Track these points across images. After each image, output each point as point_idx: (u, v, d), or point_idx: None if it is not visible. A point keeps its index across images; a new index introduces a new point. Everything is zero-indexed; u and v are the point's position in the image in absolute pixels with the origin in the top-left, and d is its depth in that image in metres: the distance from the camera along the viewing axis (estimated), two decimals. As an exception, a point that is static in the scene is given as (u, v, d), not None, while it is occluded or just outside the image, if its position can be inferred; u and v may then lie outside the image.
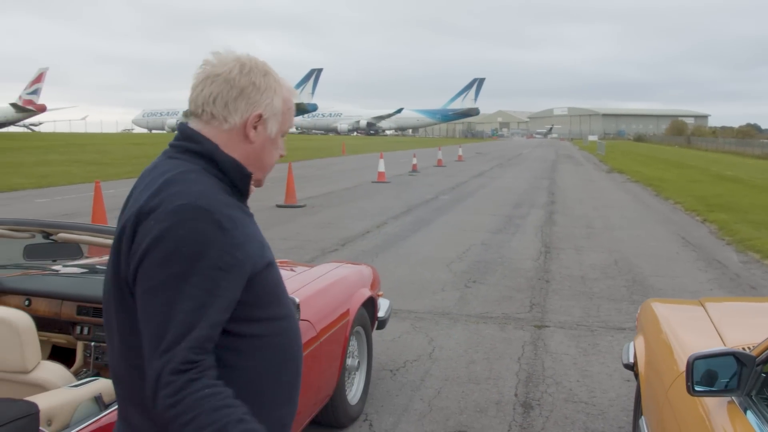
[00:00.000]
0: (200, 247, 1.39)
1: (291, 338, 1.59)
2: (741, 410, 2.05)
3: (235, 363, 1.48)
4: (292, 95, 1.64)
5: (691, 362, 2.09)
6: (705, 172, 30.33)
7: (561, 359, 5.29)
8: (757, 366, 2.09)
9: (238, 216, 1.50)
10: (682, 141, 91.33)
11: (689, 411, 2.29)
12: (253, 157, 1.59)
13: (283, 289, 1.60)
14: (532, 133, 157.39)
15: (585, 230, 12.17)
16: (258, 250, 1.51)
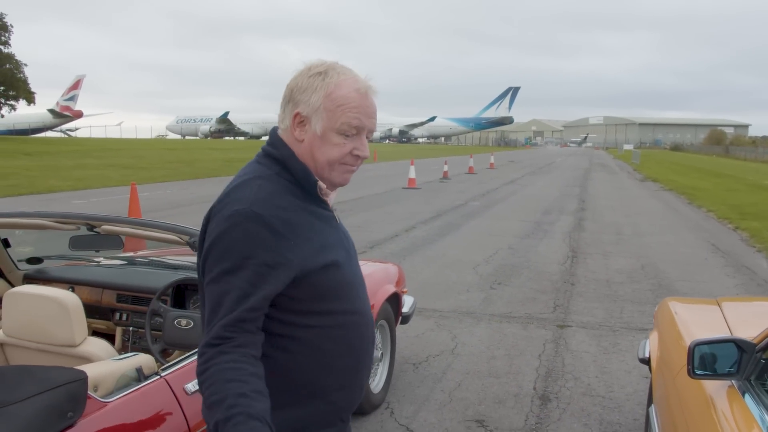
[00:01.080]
0: (250, 247, 1.53)
1: (350, 331, 1.69)
2: (740, 394, 2.17)
3: (295, 350, 1.63)
4: (341, 90, 1.62)
5: (692, 347, 2.22)
6: (742, 182, 29.92)
7: (581, 357, 5.39)
8: (757, 353, 2.21)
9: (299, 220, 1.61)
10: (720, 150, 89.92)
11: (693, 395, 2.42)
12: (307, 155, 1.65)
13: (348, 288, 1.69)
14: (566, 141, 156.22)
15: (614, 236, 12.18)
16: (314, 252, 1.61)
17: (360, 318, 1.72)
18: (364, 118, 1.63)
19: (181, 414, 2.25)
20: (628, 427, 4.11)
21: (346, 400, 1.72)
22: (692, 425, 2.28)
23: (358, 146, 1.65)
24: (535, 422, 4.16)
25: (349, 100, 1.61)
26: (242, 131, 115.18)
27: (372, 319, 1.79)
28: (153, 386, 2.25)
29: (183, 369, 2.40)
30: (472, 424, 4.11)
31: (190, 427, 2.24)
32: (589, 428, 4.09)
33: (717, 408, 2.17)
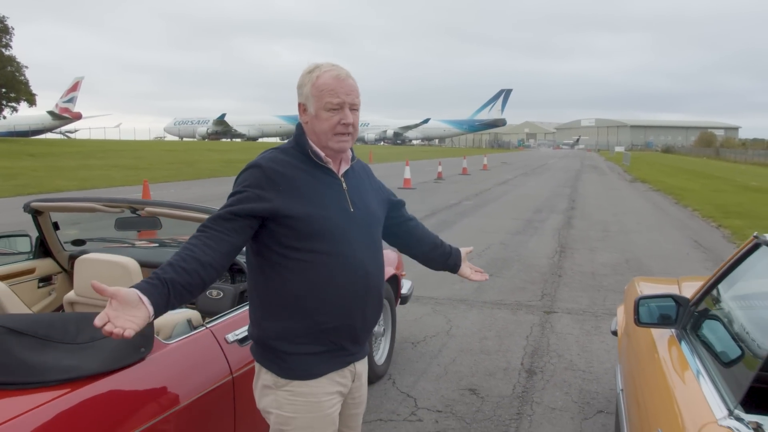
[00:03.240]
0: (249, 182, 2.13)
1: (333, 268, 2.16)
2: (677, 340, 2.66)
3: (287, 276, 2.14)
4: (321, 79, 2.14)
5: (636, 301, 2.73)
6: (729, 183, 30.53)
7: (565, 338, 5.89)
8: (691, 306, 2.72)
9: (293, 175, 2.15)
10: (711, 152, 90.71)
11: (642, 343, 2.92)
12: (311, 132, 2.21)
13: (332, 235, 2.15)
14: (558, 143, 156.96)
15: (601, 233, 12.70)
16: (297, 200, 2.13)
17: (344, 260, 2.17)
18: (342, 95, 2.15)
19: (224, 358, 2.75)
20: (605, 395, 4.60)
21: (332, 325, 2.18)
22: (641, 367, 2.78)
23: (342, 117, 2.17)
24: (521, 391, 4.66)
25: (328, 85, 2.15)
26: (239, 133, 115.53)
27: (365, 263, 2.22)
28: (201, 335, 2.75)
29: (224, 323, 2.90)
30: (465, 392, 4.60)
31: (232, 370, 2.73)
32: (569, 396, 4.58)
33: (659, 352, 2.66)
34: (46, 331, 2.18)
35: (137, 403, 2.29)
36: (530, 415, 4.25)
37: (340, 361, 2.24)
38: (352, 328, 2.23)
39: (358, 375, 2.34)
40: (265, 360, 2.20)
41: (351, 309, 2.21)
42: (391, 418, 4.11)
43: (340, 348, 2.23)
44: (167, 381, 2.45)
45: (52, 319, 2.33)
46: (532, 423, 4.14)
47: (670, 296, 2.75)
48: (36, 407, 1.98)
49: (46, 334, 2.17)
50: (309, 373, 2.16)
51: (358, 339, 2.28)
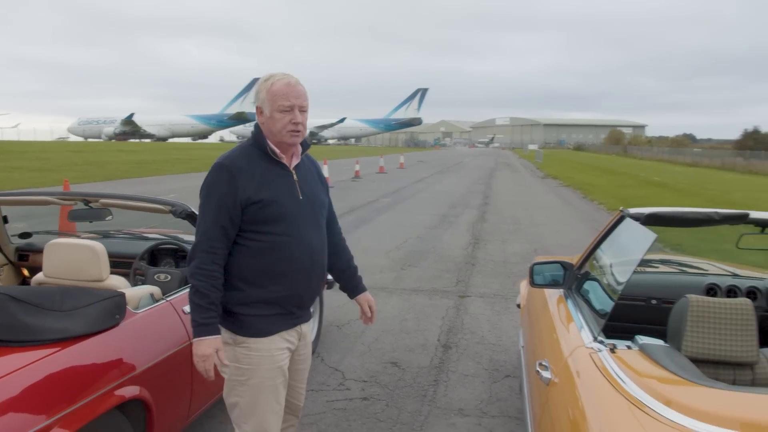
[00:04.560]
0: (214, 183, 2.51)
1: (285, 247, 2.57)
2: (564, 298, 3.19)
3: (247, 254, 2.54)
4: (275, 86, 2.52)
5: (531, 266, 3.26)
6: (634, 178, 32.36)
7: (477, 318, 6.44)
8: (575, 270, 3.26)
9: (251, 169, 2.53)
10: (619, 150, 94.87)
11: (538, 301, 3.46)
12: (267, 130, 2.58)
13: (283, 219, 2.55)
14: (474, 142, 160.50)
15: (512, 226, 13.46)
16: (258, 188, 2.53)
17: (295, 240, 2.59)
18: (292, 98, 2.56)
19: (183, 325, 3.16)
20: (512, 363, 5.15)
21: (283, 294, 2.60)
22: (536, 321, 3.31)
23: (292, 117, 2.57)
24: (438, 362, 5.16)
25: (281, 91, 2.55)
26: (148, 133, 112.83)
27: (311, 244, 2.64)
28: (162, 306, 3.16)
29: (181, 297, 3.31)
30: (388, 365, 5.06)
31: (189, 336, 3.11)
32: (481, 365, 5.11)
33: (550, 308, 3.20)
34: (38, 300, 2.57)
35: (114, 360, 2.70)
36: (446, 382, 4.75)
37: (288, 322, 2.66)
38: (299, 296, 2.66)
39: (303, 335, 2.77)
40: (226, 322, 2.58)
41: (299, 281, 2.63)
42: (322, 389, 4.52)
43: (289, 312, 2.64)
44: (137, 343, 2.87)
45: (41, 291, 2.70)
46: (448, 387, 4.64)
47: (559, 262, 3.29)
48: (35, 361, 2.38)
49: (39, 302, 2.56)
50: (264, 331, 2.57)
51: (304, 305, 2.72)
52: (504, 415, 4.21)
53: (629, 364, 2.07)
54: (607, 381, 2.02)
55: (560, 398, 2.25)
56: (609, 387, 1.98)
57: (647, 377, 1.95)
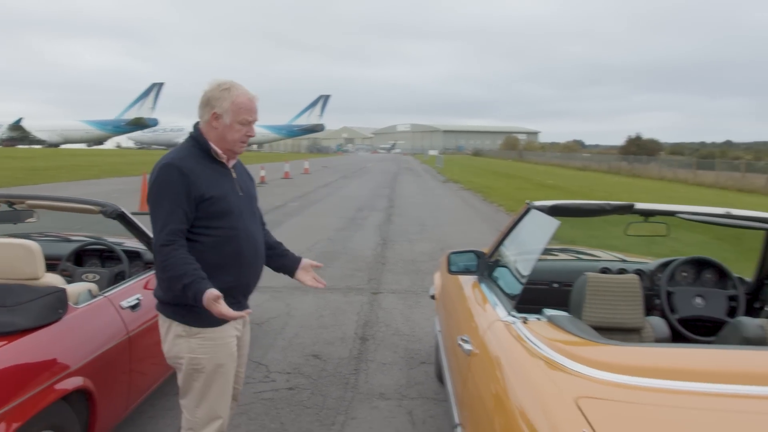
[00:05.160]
0: (166, 182, 2.65)
1: (232, 240, 2.76)
2: (479, 284, 3.52)
3: (198, 248, 2.71)
4: (240, 99, 2.70)
5: (448, 255, 3.58)
6: (529, 181, 33.76)
7: (391, 312, 6.75)
8: (487, 258, 3.60)
9: (198, 169, 2.69)
10: (515, 155, 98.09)
11: (453, 288, 3.78)
12: (220, 137, 2.74)
13: (230, 214, 2.74)
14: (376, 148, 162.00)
15: (418, 227, 13.91)
16: (207, 186, 2.70)
17: (241, 233, 2.79)
18: (255, 114, 2.79)
19: (121, 320, 3.27)
20: (426, 351, 5.47)
21: (233, 284, 2.79)
22: (453, 305, 3.63)
23: (248, 131, 2.80)
24: (357, 353, 5.41)
25: (245, 105, 2.76)
26: (38, 139, 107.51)
27: (254, 236, 2.86)
28: (101, 302, 3.26)
29: (118, 293, 3.41)
30: (309, 357, 5.28)
31: (128, 329, 3.24)
32: (397, 354, 5.40)
33: (466, 292, 3.52)
34: None
35: (58, 353, 2.80)
36: (366, 370, 5.01)
37: (236, 311, 2.83)
38: (247, 285, 2.87)
39: (246, 322, 2.99)
40: (178, 315, 2.74)
41: (247, 271, 2.84)
42: (248, 381, 4.68)
43: (237, 302, 2.82)
44: (79, 336, 2.98)
45: None
46: (368, 375, 4.91)
47: (472, 252, 3.62)
48: None
49: None
50: (217, 320, 2.72)
51: (248, 294, 2.92)
52: (422, 397, 4.51)
53: (540, 332, 2.39)
54: (522, 346, 2.33)
55: (481, 365, 2.56)
56: (524, 351, 2.29)
57: (555, 341, 2.28)
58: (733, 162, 42.00)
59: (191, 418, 2.80)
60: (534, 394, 2.00)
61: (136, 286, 3.67)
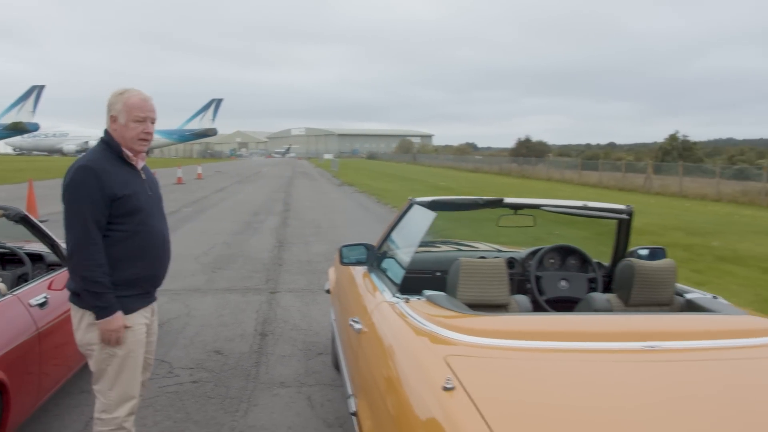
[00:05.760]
0: (82, 183, 2.87)
1: (142, 236, 3.01)
2: (369, 274, 3.89)
3: (112, 244, 2.94)
4: (131, 100, 2.95)
5: (340, 248, 3.94)
6: (423, 183, 34.72)
7: (289, 309, 7.04)
8: (376, 250, 3.98)
9: (111, 169, 2.93)
10: (409, 158, 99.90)
11: (346, 278, 4.14)
12: (120, 137, 2.99)
13: (140, 211, 2.98)
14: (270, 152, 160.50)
15: (314, 230, 14.22)
16: (120, 186, 2.93)
17: (149, 229, 3.06)
18: (147, 111, 3.03)
19: (29, 316, 3.41)
20: (323, 344, 5.80)
21: (143, 275, 3.06)
22: (345, 294, 3.99)
23: (145, 128, 3.04)
24: (258, 348, 5.68)
25: (136, 104, 3.01)
26: None
27: (162, 232, 3.13)
28: (10, 300, 3.39)
29: (25, 291, 3.54)
30: (211, 353, 5.50)
31: (37, 326, 3.39)
32: (296, 347, 5.71)
33: (357, 281, 3.89)
34: None
35: None
36: (266, 363, 5.30)
37: (145, 301, 3.12)
38: (155, 276, 3.14)
39: (154, 312, 3.25)
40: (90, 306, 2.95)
41: (155, 263, 3.11)
42: (152, 378, 4.81)
43: (146, 292, 3.10)
44: None
45: None
46: (269, 367, 5.19)
47: (363, 245, 4.00)
48: None
49: None
50: (128, 309, 2.98)
51: (157, 285, 3.19)
52: (320, 384, 4.85)
53: (419, 309, 2.78)
54: (403, 321, 2.72)
55: (370, 340, 2.93)
56: (404, 324, 2.68)
57: (431, 315, 2.67)
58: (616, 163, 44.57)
59: (105, 401, 3.02)
60: (412, 357, 2.39)
61: (41, 286, 3.82)
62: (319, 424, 4.18)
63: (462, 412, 1.84)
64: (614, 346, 2.43)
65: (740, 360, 2.44)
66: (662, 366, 2.33)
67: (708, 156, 59.51)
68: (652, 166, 37.00)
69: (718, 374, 2.33)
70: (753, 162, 45.50)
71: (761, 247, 12.68)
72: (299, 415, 4.30)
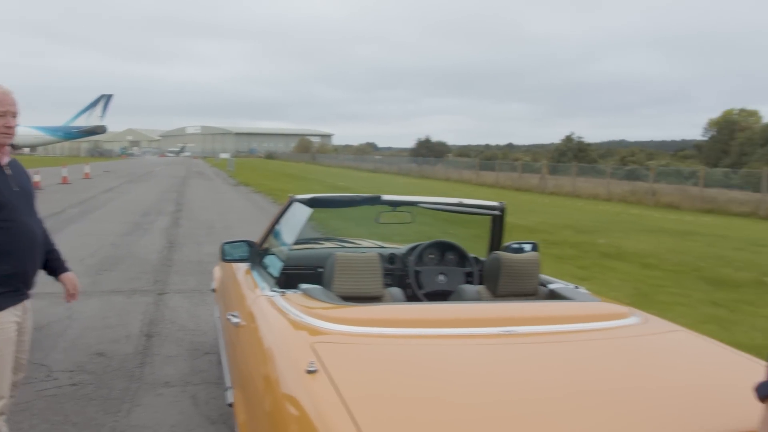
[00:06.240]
0: None
1: (12, 233, 2.98)
2: (251, 270, 3.97)
3: None
4: None
5: (222, 245, 4.00)
6: (322, 183, 34.75)
7: (177, 310, 6.98)
8: (258, 247, 4.07)
9: None
10: (308, 158, 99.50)
11: (228, 275, 4.20)
12: None
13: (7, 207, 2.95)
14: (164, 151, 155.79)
15: (206, 230, 14.04)
16: None
17: (18, 225, 3.02)
18: (7, 105, 3.00)
19: None
20: (211, 343, 5.80)
21: (12, 272, 3.02)
22: (228, 291, 4.05)
23: (5, 122, 3.01)
24: (143, 349, 5.63)
25: None
26: None
27: (30, 228, 3.10)
28: None
29: None
30: (93, 356, 5.41)
31: None
32: (183, 347, 5.70)
33: (239, 278, 3.97)
34: None
35: None
36: (151, 363, 5.27)
37: (16, 298, 3.07)
38: (25, 273, 3.09)
39: (26, 310, 3.19)
40: None
41: (24, 260, 3.06)
42: (29, 381, 4.71)
43: (16, 289, 3.05)
44: None
45: None
46: (154, 367, 5.17)
47: (245, 241, 4.07)
48: None
49: None
50: None
51: (29, 282, 3.15)
52: (205, 383, 4.87)
53: (294, 301, 2.90)
54: (277, 312, 2.83)
55: (248, 333, 3.02)
56: (278, 315, 2.80)
57: (304, 306, 2.80)
58: (513, 163, 46.18)
59: None
60: (283, 345, 2.51)
61: None
62: (202, 420, 4.22)
63: (323, 392, 1.97)
64: (474, 331, 2.64)
65: (588, 341, 2.71)
66: (517, 348, 2.56)
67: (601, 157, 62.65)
68: (547, 167, 38.61)
69: (567, 354, 2.58)
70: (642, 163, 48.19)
71: (643, 244, 13.56)
72: (183, 413, 4.32)
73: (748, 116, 64.66)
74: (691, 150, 72.09)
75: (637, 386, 2.28)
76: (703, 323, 6.69)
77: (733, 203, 25.10)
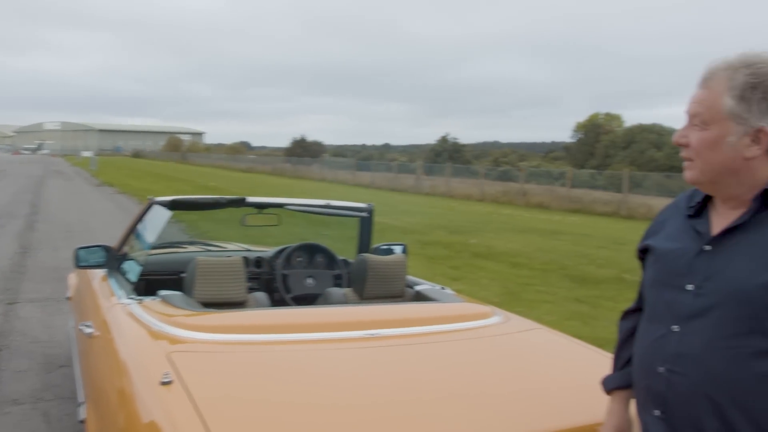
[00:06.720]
0: None
1: None
2: (108, 276, 3.76)
3: None
4: None
5: (75, 250, 3.76)
6: (191, 184, 33.73)
7: (29, 321, 6.53)
8: (116, 252, 3.85)
9: None
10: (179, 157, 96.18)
11: (83, 283, 3.96)
12: None
13: None
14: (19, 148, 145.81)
15: (65, 233, 13.24)
16: None
17: None
18: None
19: None
20: (66, 356, 5.45)
21: None
22: (83, 299, 3.82)
23: None
24: (-13, 364, 5.21)
25: None
26: None
27: None
28: None
29: None
30: (-71, 374, 4.94)
31: None
32: (34, 361, 5.34)
33: (94, 285, 3.75)
34: None
35: None
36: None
37: None
38: None
39: None
40: None
41: None
42: None
43: None
44: None
45: None
46: (1, 384, 4.79)
47: (101, 246, 3.85)
48: None
49: None
50: None
51: None
52: (59, 398, 4.57)
53: (151, 308, 2.77)
54: (133, 321, 2.69)
55: (101, 344, 2.86)
56: (134, 324, 2.66)
57: (162, 314, 2.68)
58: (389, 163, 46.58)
59: None
60: (137, 356, 2.39)
61: None
62: (54, 439, 3.95)
63: (177, 404, 1.89)
64: (338, 335, 2.62)
65: (452, 342, 2.76)
66: (381, 350, 2.56)
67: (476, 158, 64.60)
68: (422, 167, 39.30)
69: (431, 355, 2.62)
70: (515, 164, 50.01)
71: (513, 244, 14.06)
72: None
73: (612, 120, 68.56)
74: (561, 152, 75.40)
75: (498, 384, 2.35)
76: (567, 319, 7.01)
77: (597, 203, 26.44)
